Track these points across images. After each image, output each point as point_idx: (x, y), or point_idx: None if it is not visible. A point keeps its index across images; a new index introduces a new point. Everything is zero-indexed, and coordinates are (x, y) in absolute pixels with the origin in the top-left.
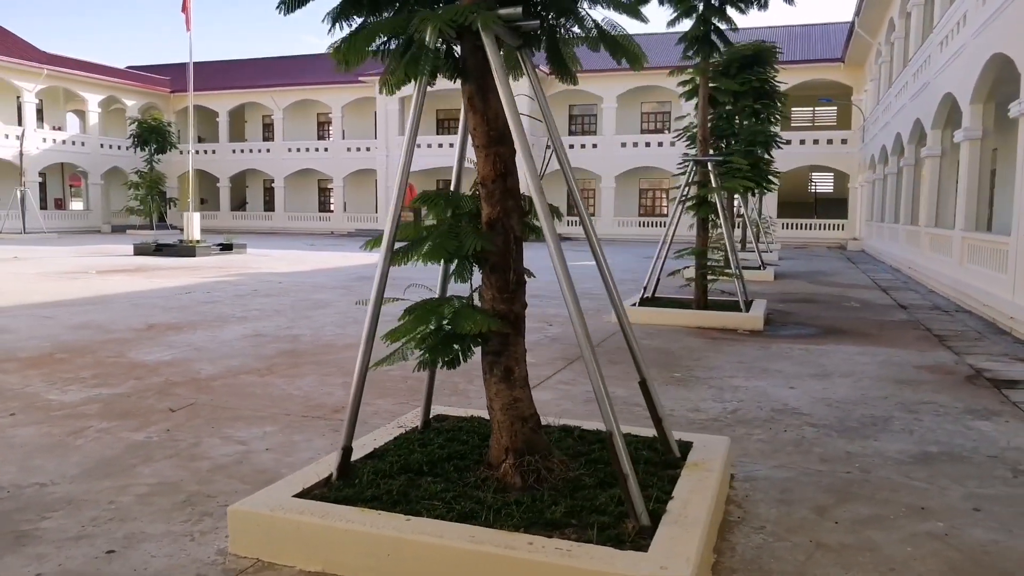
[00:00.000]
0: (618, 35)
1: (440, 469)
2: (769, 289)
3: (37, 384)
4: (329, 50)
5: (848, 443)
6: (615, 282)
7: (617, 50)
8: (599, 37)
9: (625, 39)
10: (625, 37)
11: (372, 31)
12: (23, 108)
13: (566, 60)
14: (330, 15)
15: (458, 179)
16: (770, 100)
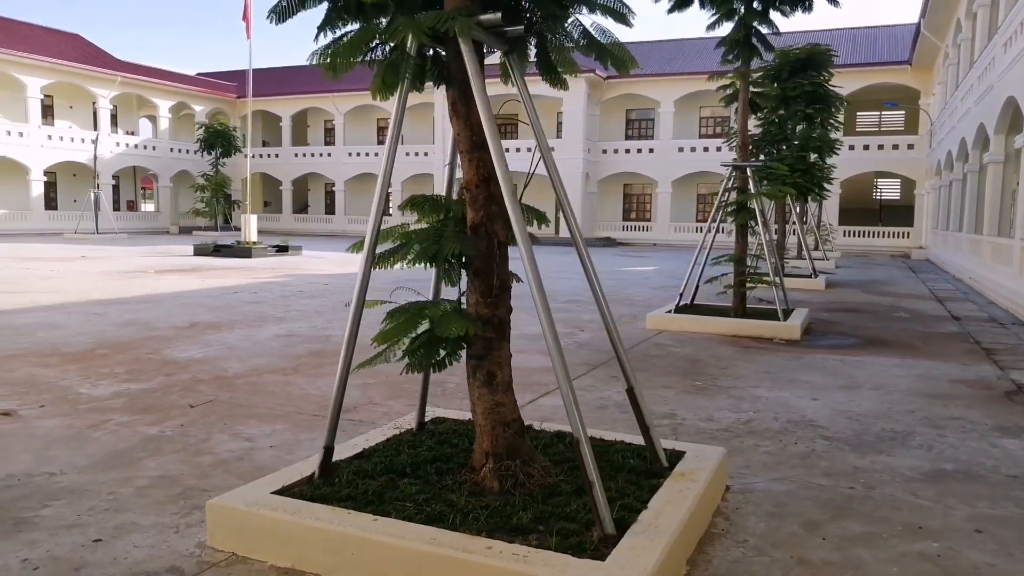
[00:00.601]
0: (606, 42)
1: (422, 471)
2: (818, 298)
3: (73, 378)
4: (311, 58)
5: (859, 458)
6: (603, 289)
7: (604, 55)
8: (587, 43)
9: (615, 46)
10: (616, 44)
11: (356, 40)
12: (98, 114)
13: (555, 65)
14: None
15: (449, 183)
16: (824, 104)
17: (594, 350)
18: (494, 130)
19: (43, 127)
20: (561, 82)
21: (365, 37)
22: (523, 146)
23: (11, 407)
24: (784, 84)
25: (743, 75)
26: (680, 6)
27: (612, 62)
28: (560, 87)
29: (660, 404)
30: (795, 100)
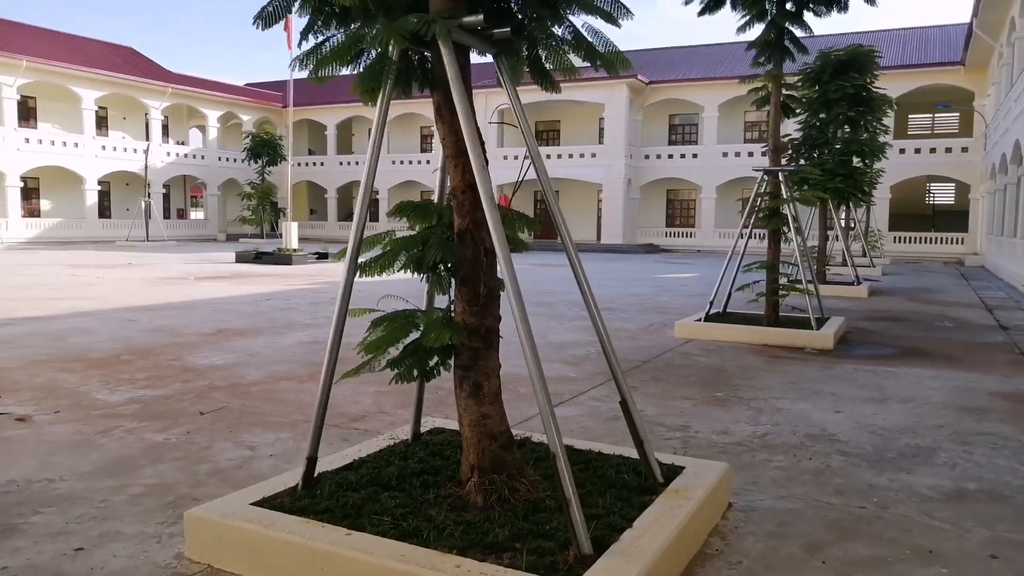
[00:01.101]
0: (597, 43)
1: (407, 484)
2: (859, 306)
3: (92, 384)
4: (294, 65)
5: (875, 475)
6: (595, 297)
7: (594, 56)
8: (575, 43)
9: (606, 46)
10: (607, 45)
11: (341, 48)
12: (150, 124)
13: (546, 67)
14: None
15: (441, 189)
16: (868, 107)
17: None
18: (474, 135)
19: (97, 138)
20: (552, 85)
21: (348, 43)
22: (564, 153)
23: (27, 412)
24: (825, 87)
25: (775, 78)
26: (711, 8)
27: (602, 63)
28: (551, 90)
29: (675, 416)
30: (837, 103)
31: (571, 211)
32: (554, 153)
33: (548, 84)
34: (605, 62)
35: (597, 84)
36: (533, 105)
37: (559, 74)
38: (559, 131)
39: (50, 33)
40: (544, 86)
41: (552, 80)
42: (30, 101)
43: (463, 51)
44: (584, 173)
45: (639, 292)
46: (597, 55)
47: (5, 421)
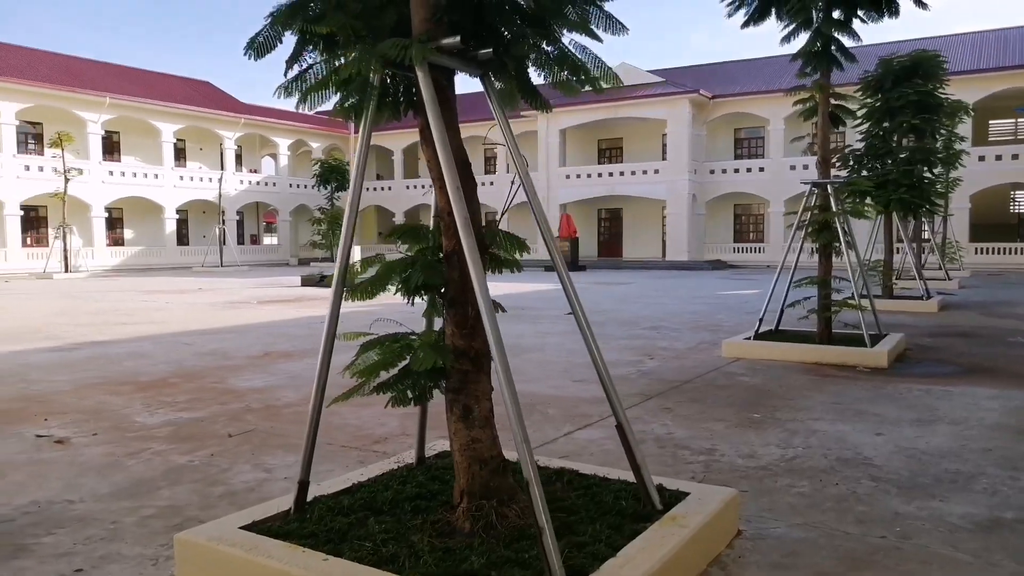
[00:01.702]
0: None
1: (400, 509)
2: (926, 321)
3: (135, 406)
4: (278, 92)
5: (904, 502)
6: (585, 312)
7: (578, 71)
8: (559, 61)
9: (595, 63)
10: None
11: (325, 77)
12: (224, 154)
13: (533, 87)
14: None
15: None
16: (934, 114)
17: (656, 379)
18: (449, 159)
19: (176, 169)
20: (543, 105)
21: (329, 70)
22: (626, 169)
23: (67, 435)
24: (888, 94)
25: (822, 87)
26: (756, 19)
27: (587, 79)
28: (541, 109)
29: (703, 439)
30: (900, 111)
31: (635, 228)
32: (616, 171)
33: (539, 104)
34: (590, 80)
35: (658, 100)
36: (595, 124)
37: (558, 89)
38: (622, 148)
39: (131, 71)
40: (533, 105)
41: (542, 100)
42: (114, 136)
43: (448, 73)
44: (647, 190)
45: (695, 310)
46: (583, 70)
47: (44, 444)
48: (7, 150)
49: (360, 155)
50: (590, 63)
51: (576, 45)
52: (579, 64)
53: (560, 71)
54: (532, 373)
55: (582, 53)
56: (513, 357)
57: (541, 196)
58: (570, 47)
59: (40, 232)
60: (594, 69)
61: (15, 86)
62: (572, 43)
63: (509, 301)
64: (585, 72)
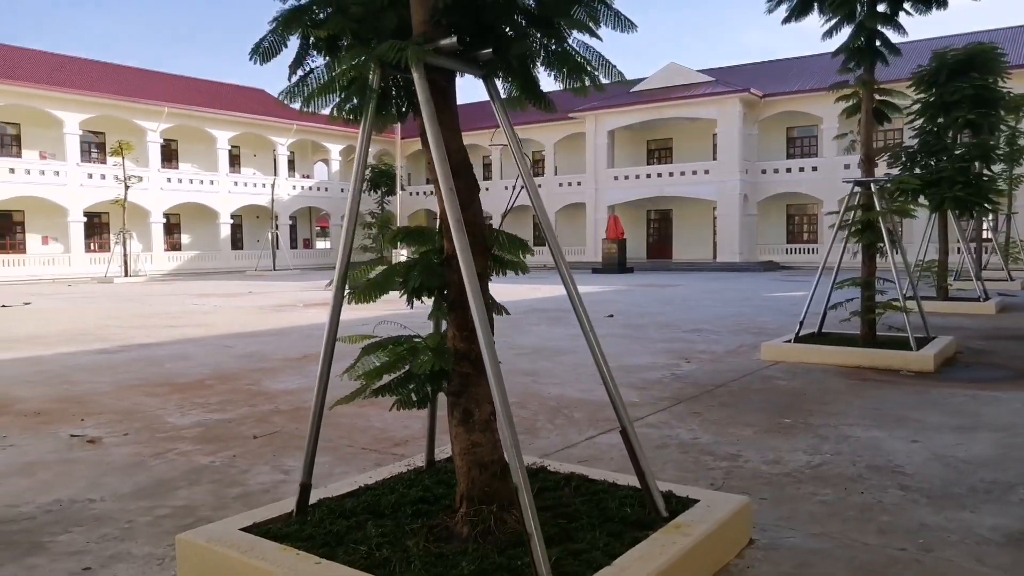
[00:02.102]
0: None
1: (401, 513)
2: (982, 324)
3: (169, 408)
4: (283, 96)
5: (932, 513)
6: (588, 314)
7: (581, 70)
8: (561, 59)
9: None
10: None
11: (329, 81)
12: (278, 160)
13: (538, 87)
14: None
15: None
16: (992, 109)
17: (689, 383)
18: (443, 160)
19: (230, 175)
20: (547, 105)
21: (328, 73)
22: (676, 170)
23: (99, 434)
24: (942, 89)
25: (866, 83)
26: (797, 14)
27: (590, 79)
28: (547, 110)
29: (729, 444)
30: (955, 106)
31: (685, 230)
32: (665, 171)
33: (541, 104)
34: (592, 78)
35: (708, 100)
36: (644, 124)
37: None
38: (671, 149)
39: (188, 80)
40: (537, 106)
41: (547, 100)
42: (172, 144)
43: (448, 75)
44: (697, 190)
45: (740, 312)
46: (585, 71)
47: (77, 443)
48: (71, 159)
49: (359, 157)
50: (595, 61)
51: (580, 44)
52: (582, 63)
53: (562, 70)
54: (563, 376)
55: (586, 52)
56: (546, 360)
57: (589, 198)
58: (574, 46)
59: (103, 238)
60: (599, 68)
61: (79, 97)
62: (576, 42)
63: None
64: (589, 71)
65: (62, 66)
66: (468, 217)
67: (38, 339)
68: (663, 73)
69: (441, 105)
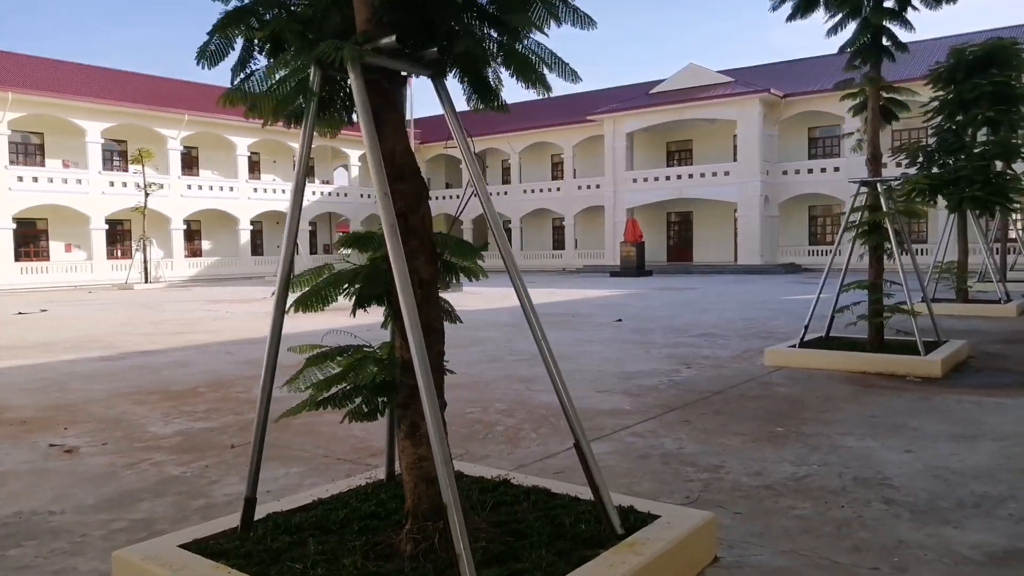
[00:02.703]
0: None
1: (348, 529)
2: (1000, 327)
3: (155, 416)
4: (221, 100)
5: (914, 529)
6: (539, 320)
7: (528, 69)
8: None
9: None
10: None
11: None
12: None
13: (491, 86)
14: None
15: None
16: (1012, 105)
17: (686, 390)
18: (378, 163)
19: (249, 181)
20: (500, 106)
21: (267, 75)
22: (695, 172)
23: (78, 444)
24: (960, 86)
25: (872, 80)
26: (802, 12)
27: (538, 81)
28: (499, 110)
29: (713, 455)
30: (974, 103)
31: (705, 232)
32: (684, 173)
33: (494, 104)
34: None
35: (727, 101)
36: (663, 126)
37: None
38: (691, 151)
39: (208, 87)
40: (489, 106)
41: (500, 101)
42: (192, 151)
43: (392, 76)
44: (717, 192)
45: (753, 316)
46: (534, 69)
47: (54, 453)
48: (93, 167)
49: (300, 162)
50: (547, 59)
51: (534, 42)
52: (534, 61)
53: (510, 67)
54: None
55: (537, 48)
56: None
57: (607, 201)
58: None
59: (124, 245)
60: (554, 66)
61: (101, 106)
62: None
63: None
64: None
65: (84, 76)
66: (415, 222)
67: (45, 346)
68: (682, 74)
69: (385, 106)
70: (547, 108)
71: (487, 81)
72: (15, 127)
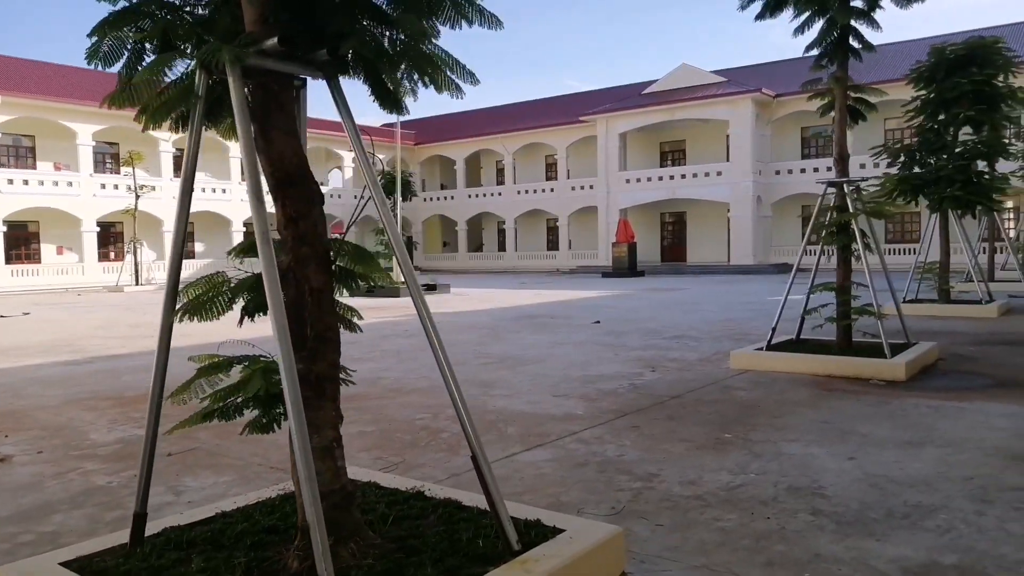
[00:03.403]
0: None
1: (241, 544)
2: (979, 328)
3: (100, 423)
4: (105, 102)
5: (834, 541)
6: (439, 333)
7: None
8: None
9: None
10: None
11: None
12: None
13: (389, 88)
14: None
15: None
16: (995, 105)
17: (644, 394)
18: (253, 166)
19: (243, 183)
20: (397, 107)
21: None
22: (688, 172)
23: (13, 452)
24: (941, 85)
25: (839, 80)
26: (771, 11)
27: (432, 81)
28: (396, 112)
29: (653, 462)
30: (955, 102)
31: (699, 232)
32: (677, 173)
33: (392, 106)
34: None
35: (719, 100)
36: (656, 126)
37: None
38: (685, 151)
39: None
40: (386, 107)
41: (398, 102)
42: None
43: (281, 79)
44: (710, 192)
45: (732, 317)
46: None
47: None
48: (84, 170)
49: (187, 166)
50: (445, 59)
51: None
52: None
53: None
54: (518, 387)
55: (436, 51)
56: (508, 369)
57: (601, 201)
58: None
59: (117, 247)
60: (454, 68)
61: (93, 109)
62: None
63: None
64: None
65: (76, 78)
66: (305, 228)
67: (15, 350)
68: (675, 74)
69: (275, 109)
70: (540, 109)
71: (384, 82)
72: (6, 130)
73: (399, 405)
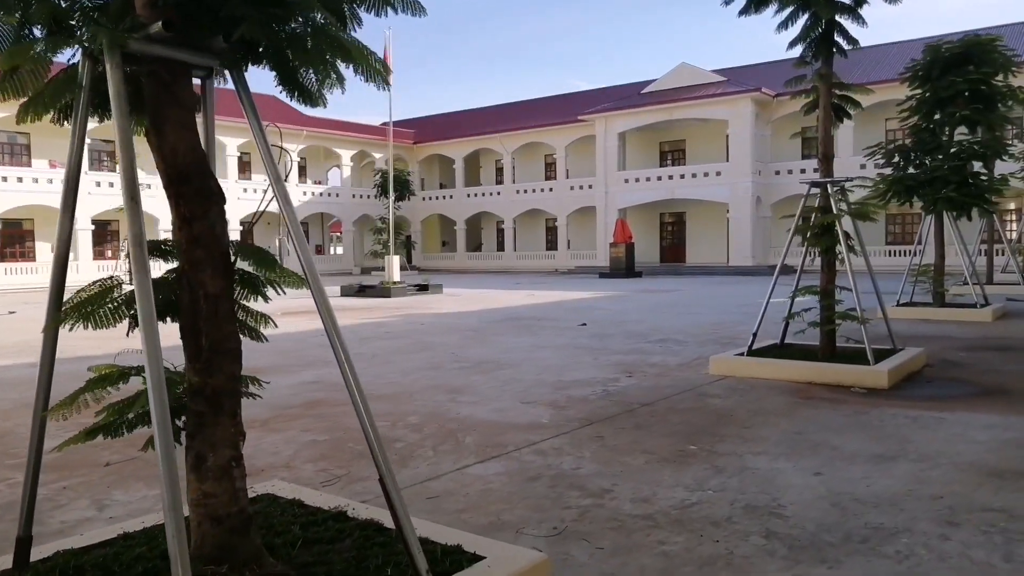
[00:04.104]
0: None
1: (133, 571)
2: (972, 332)
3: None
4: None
5: (783, 568)
6: (345, 344)
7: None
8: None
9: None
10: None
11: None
12: (288, 165)
13: (301, 80)
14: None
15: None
16: (989, 104)
17: (615, 402)
18: (131, 166)
19: (240, 181)
20: (309, 97)
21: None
22: (687, 172)
23: None
24: (936, 84)
25: (823, 77)
26: (755, 7)
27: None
28: (313, 104)
29: (608, 477)
30: (950, 101)
31: (699, 233)
32: (676, 174)
33: (304, 97)
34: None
35: (719, 100)
36: (655, 126)
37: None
38: (684, 151)
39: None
40: (298, 99)
41: (313, 94)
42: None
43: (173, 67)
44: (709, 192)
45: (722, 320)
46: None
47: None
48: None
49: (71, 160)
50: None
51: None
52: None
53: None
54: (487, 393)
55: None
56: (481, 374)
57: (599, 201)
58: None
59: (112, 245)
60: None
61: None
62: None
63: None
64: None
65: None
66: (200, 229)
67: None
68: (674, 74)
69: (167, 100)
70: (539, 108)
71: (293, 71)
72: (1, 127)
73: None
